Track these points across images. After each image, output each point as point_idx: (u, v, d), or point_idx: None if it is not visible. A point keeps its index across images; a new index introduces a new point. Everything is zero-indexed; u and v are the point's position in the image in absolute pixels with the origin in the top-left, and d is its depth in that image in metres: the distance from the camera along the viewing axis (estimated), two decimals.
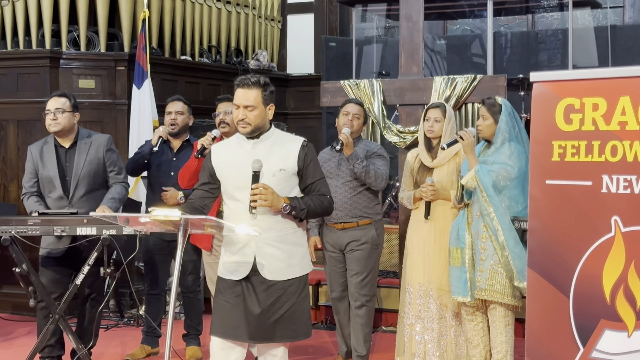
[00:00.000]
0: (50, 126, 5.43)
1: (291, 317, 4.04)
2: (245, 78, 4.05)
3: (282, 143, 4.10)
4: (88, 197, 5.47)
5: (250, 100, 3.99)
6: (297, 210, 3.99)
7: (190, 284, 6.02)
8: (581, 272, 3.59)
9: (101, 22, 7.85)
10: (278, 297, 4.02)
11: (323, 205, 4.12)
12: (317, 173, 4.13)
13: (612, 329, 3.50)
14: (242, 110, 4.00)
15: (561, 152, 3.68)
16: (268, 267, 4.02)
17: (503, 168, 4.89)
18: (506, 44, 9.89)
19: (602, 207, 3.53)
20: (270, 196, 3.91)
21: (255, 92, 4.01)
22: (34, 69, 7.67)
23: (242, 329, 4.03)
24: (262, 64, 9.76)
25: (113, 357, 6.12)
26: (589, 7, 9.50)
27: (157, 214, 3.81)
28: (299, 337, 4.11)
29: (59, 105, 5.42)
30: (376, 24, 10.47)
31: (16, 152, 7.65)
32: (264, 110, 4.03)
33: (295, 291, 4.06)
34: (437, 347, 5.31)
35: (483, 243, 4.95)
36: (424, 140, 5.42)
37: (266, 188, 3.91)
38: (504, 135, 4.98)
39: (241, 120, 4.01)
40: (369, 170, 5.35)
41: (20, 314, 7.42)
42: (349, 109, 5.58)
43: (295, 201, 4.00)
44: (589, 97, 3.59)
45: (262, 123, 4.04)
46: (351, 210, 5.49)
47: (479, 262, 4.97)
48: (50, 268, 5.44)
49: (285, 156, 4.05)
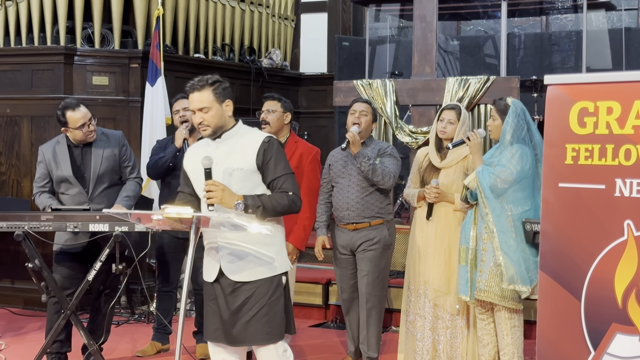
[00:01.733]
0: (89, 137, 5.41)
1: (262, 319, 3.96)
2: (193, 82, 4.02)
3: (244, 141, 4.03)
4: (107, 193, 5.50)
5: (203, 101, 3.96)
6: (252, 208, 3.87)
7: (201, 282, 6.02)
8: (593, 275, 3.58)
9: (115, 19, 7.88)
10: (246, 299, 3.96)
11: (283, 202, 3.96)
12: (278, 169, 3.99)
13: (623, 333, 3.49)
14: (198, 113, 3.99)
15: (574, 155, 3.67)
16: (233, 268, 3.98)
17: (502, 171, 4.87)
18: (519, 45, 9.87)
19: (615, 211, 3.52)
20: (220, 193, 3.85)
21: (206, 93, 3.97)
22: (49, 65, 7.70)
23: (220, 331, 4.03)
24: (275, 62, 9.77)
25: (124, 353, 6.14)
26: (604, 9, 9.49)
27: (169, 212, 3.83)
28: (274, 339, 4.00)
29: (89, 114, 5.40)
30: (389, 23, 10.47)
31: (30, 148, 7.68)
32: (220, 108, 3.99)
33: (265, 292, 3.97)
34: (431, 346, 5.35)
35: (484, 244, 4.96)
36: (435, 141, 5.42)
37: (216, 185, 3.86)
38: (508, 136, 4.96)
39: (200, 124, 3.99)
40: (376, 168, 5.33)
41: (31, 309, 7.46)
42: (356, 108, 5.56)
43: (249, 199, 3.89)
44: (603, 100, 3.58)
45: (221, 122, 4.00)
46: (363, 210, 5.46)
47: (480, 262, 4.98)
48: (64, 264, 5.47)
49: (244, 154, 3.99)
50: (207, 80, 4.01)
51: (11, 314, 7.44)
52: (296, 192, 4.04)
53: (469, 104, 6.12)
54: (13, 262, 7.57)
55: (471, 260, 5.00)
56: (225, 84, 4.06)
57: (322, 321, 7.19)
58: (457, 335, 5.31)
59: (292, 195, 4.00)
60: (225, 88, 4.04)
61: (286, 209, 4.01)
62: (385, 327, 6.71)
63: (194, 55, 8.83)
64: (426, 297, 5.37)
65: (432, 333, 5.36)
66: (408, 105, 6.71)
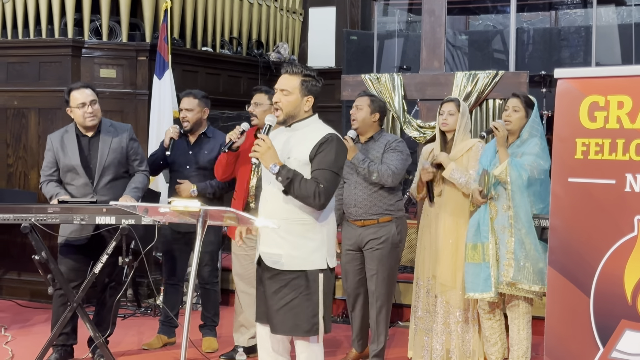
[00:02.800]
0: (87, 120, 5.40)
1: (292, 311, 4.02)
2: (289, 64, 4.21)
3: (311, 134, 4.08)
4: (112, 185, 5.49)
5: (287, 85, 4.09)
6: (282, 177, 3.94)
7: (206, 275, 6.03)
8: (602, 271, 3.56)
9: (123, 12, 7.86)
10: (280, 288, 4.05)
11: (309, 189, 3.95)
12: (323, 162, 4.01)
13: (632, 329, 3.47)
14: (278, 93, 4.10)
15: (585, 149, 3.65)
16: (269, 255, 4.09)
17: (536, 161, 4.87)
18: (528, 40, 9.83)
19: (625, 206, 3.50)
20: (265, 149, 3.96)
21: (294, 80, 4.09)
22: (56, 57, 7.69)
23: (261, 310, 4.16)
24: (283, 56, 9.75)
25: (130, 346, 6.14)
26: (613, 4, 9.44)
27: (176, 205, 3.83)
28: (299, 333, 4.05)
29: (92, 97, 5.41)
30: (398, 18, 10.44)
31: (37, 140, 7.68)
32: (300, 99, 4.09)
33: (300, 285, 4.04)
34: (442, 343, 5.34)
35: (509, 237, 4.92)
36: (440, 135, 5.41)
37: (265, 141, 3.97)
38: (532, 130, 4.95)
39: (275, 103, 4.11)
40: (372, 171, 5.31)
41: (38, 301, 7.46)
42: (355, 102, 5.54)
43: (285, 169, 3.95)
44: (614, 94, 3.56)
45: (294, 111, 4.10)
46: (371, 207, 5.42)
47: (504, 256, 4.93)
48: (69, 256, 5.46)
49: (305, 146, 4.05)
50: (302, 69, 4.11)
51: (18, 306, 7.44)
52: (328, 188, 3.99)
53: (477, 98, 6.09)
54: (20, 254, 7.57)
55: (492, 257, 4.96)
56: (316, 83, 4.13)
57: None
58: (468, 330, 5.30)
59: (320, 187, 3.96)
60: (315, 85, 4.12)
61: (307, 197, 3.97)
62: (392, 322, 6.69)
63: (201, 49, 8.81)
64: (432, 292, 5.37)
65: (445, 328, 5.34)
66: (416, 99, 6.68)
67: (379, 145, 5.44)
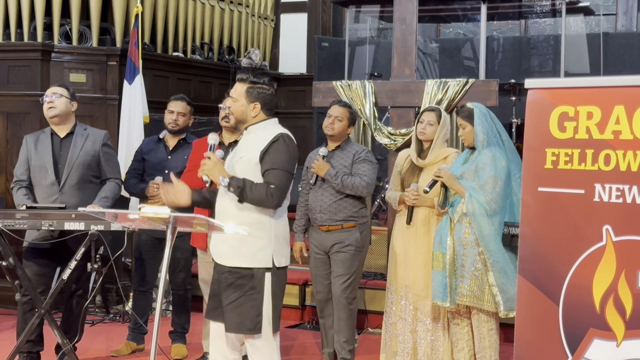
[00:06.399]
0: (47, 110, 5.47)
1: (237, 309, 4.07)
2: (242, 72, 4.34)
3: (263, 135, 4.19)
4: (79, 187, 5.46)
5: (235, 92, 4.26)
6: (233, 187, 4.03)
7: (180, 282, 6.00)
8: (571, 280, 3.59)
9: (94, 16, 7.81)
10: (227, 285, 4.10)
11: (260, 192, 4.03)
12: (273, 162, 4.09)
13: (601, 338, 3.50)
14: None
15: (554, 159, 3.67)
16: (216, 249, 4.20)
17: (493, 184, 4.89)
18: (498, 48, 9.90)
19: (594, 216, 3.53)
20: (212, 165, 4.12)
21: (240, 87, 4.24)
22: (25, 61, 7.62)
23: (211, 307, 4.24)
24: (254, 62, 9.73)
25: (98, 352, 6.09)
26: (582, 13, 9.52)
27: (146, 211, 3.82)
28: (243, 330, 4.09)
29: (56, 91, 5.48)
30: (369, 25, 10.47)
31: (5, 145, 7.60)
32: (246, 105, 4.22)
33: (245, 284, 4.07)
34: (413, 349, 5.37)
35: (464, 249, 4.95)
36: (416, 142, 5.43)
37: (211, 158, 4.12)
38: (481, 137, 4.98)
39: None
40: (346, 184, 5.40)
41: (4, 307, 7.36)
42: (331, 112, 5.59)
43: (235, 179, 4.05)
44: (583, 105, 3.59)
45: (242, 117, 4.23)
46: (335, 213, 5.49)
47: (460, 267, 4.98)
48: (34, 261, 5.41)
49: (256, 146, 4.14)
50: (249, 76, 4.25)
51: None
52: (280, 187, 4.06)
53: (447, 106, 6.11)
54: None
55: (449, 266, 5.00)
56: (264, 90, 4.25)
57: (299, 322, 7.17)
58: (438, 339, 5.33)
59: (271, 188, 4.05)
60: (262, 92, 4.23)
61: (261, 200, 4.05)
62: (361, 329, 6.70)
63: (172, 54, 8.78)
64: (407, 300, 5.40)
65: (412, 335, 5.37)
66: (387, 106, 6.70)
67: (346, 154, 5.51)
